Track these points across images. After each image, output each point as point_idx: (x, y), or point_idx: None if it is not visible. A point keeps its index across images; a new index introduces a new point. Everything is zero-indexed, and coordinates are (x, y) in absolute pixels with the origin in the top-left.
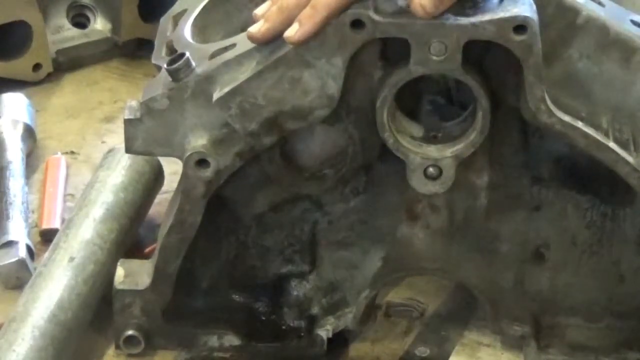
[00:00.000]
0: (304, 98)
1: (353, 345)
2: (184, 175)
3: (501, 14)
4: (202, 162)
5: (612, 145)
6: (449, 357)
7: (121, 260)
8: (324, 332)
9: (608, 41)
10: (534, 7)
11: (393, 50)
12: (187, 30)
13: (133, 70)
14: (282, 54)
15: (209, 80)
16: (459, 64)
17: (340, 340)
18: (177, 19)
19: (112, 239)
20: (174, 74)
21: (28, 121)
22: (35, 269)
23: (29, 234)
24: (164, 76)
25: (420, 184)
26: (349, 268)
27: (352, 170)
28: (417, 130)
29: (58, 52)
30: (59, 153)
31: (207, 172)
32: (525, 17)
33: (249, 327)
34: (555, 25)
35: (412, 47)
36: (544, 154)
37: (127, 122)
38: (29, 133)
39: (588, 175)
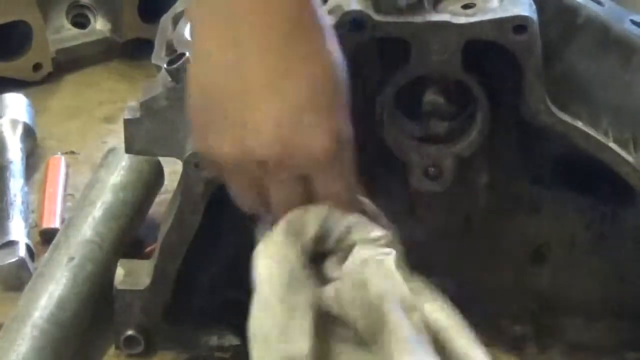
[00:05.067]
0: None
1: None
2: (184, 175)
3: (501, 14)
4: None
5: (612, 145)
6: None
7: (121, 260)
8: None
9: (608, 41)
10: (534, 7)
11: (393, 50)
12: (187, 30)
13: (133, 70)
14: None
15: None
16: (459, 64)
17: None
18: (177, 19)
19: (112, 238)
20: (173, 74)
21: (28, 121)
22: (35, 269)
23: (29, 234)
24: (163, 76)
25: (420, 184)
26: None
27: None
28: (417, 130)
29: (58, 52)
30: (59, 153)
31: (207, 172)
32: (526, 17)
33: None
34: (555, 25)
35: (412, 47)
36: (544, 154)
37: (127, 122)
38: (29, 133)
39: (588, 176)
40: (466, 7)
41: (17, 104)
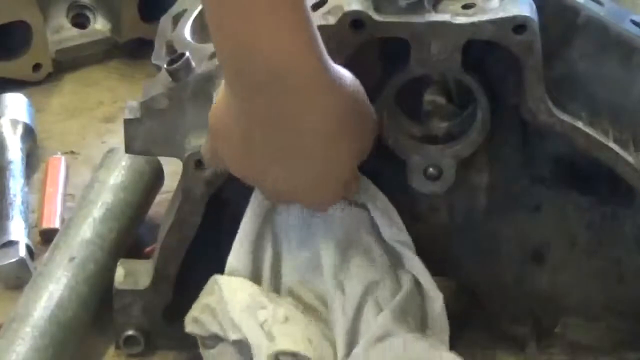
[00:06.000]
0: None
1: None
2: (184, 175)
3: (501, 14)
4: (201, 163)
5: (612, 145)
6: None
7: (121, 260)
8: None
9: (608, 41)
10: (534, 7)
11: (393, 50)
12: (187, 30)
13: (133, 70)
14: None
15: (209, 80)
16: (459, 64)
17: None
18: (177, 19)
19: (112, 239)
20: (174, 74)
21: (28, 121)
22: (35, 269)
23: (29, 234)
24: (163, 76)
25: (420, 184)
26: None
27: None
28: (417, 130)
29: (58, 52)
30: (59, 153)
31: (207, 173)
32: (525, 17)
33: None
34: (555, 25)
35: (412, 47)
36: (544, 154)
37: (127, 122)
38: (29, 133)
39: (588, 175)
40: (466, 7)
41: (17, 104)
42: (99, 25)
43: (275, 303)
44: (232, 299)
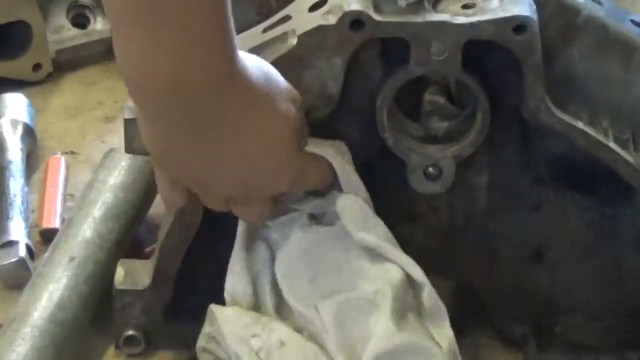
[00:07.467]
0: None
1: None
2: None
3: (501, 14)
4: None
5: (612, 145)
6: None
7: (121, 260)
8: None
9: (608, 41)
10: (534, 7)
11: (393, 50)
12: None
13: None
14: (281, 54)
15: None
16: (459, 64)
17: None
18: None
19: (112, 238)
20: None
21: (28, 121)
22: (35, 269)
23: (29, 234)
24: None
25: (420, 184)
26: None
27: None
28: (417, 130)
29: (58, 52)
30: (59, 153)
31: None
32: (525, 17)
33: None
34: (555, 25)
35: (412, 47)
36: (544, 154)
37: (127, 122)
38: (29, 133)
39: (588, 175)
40: (466, 7)
41: (17, 104)
42: (99, 25)
43: (269, 329)
44: (227, 330)
